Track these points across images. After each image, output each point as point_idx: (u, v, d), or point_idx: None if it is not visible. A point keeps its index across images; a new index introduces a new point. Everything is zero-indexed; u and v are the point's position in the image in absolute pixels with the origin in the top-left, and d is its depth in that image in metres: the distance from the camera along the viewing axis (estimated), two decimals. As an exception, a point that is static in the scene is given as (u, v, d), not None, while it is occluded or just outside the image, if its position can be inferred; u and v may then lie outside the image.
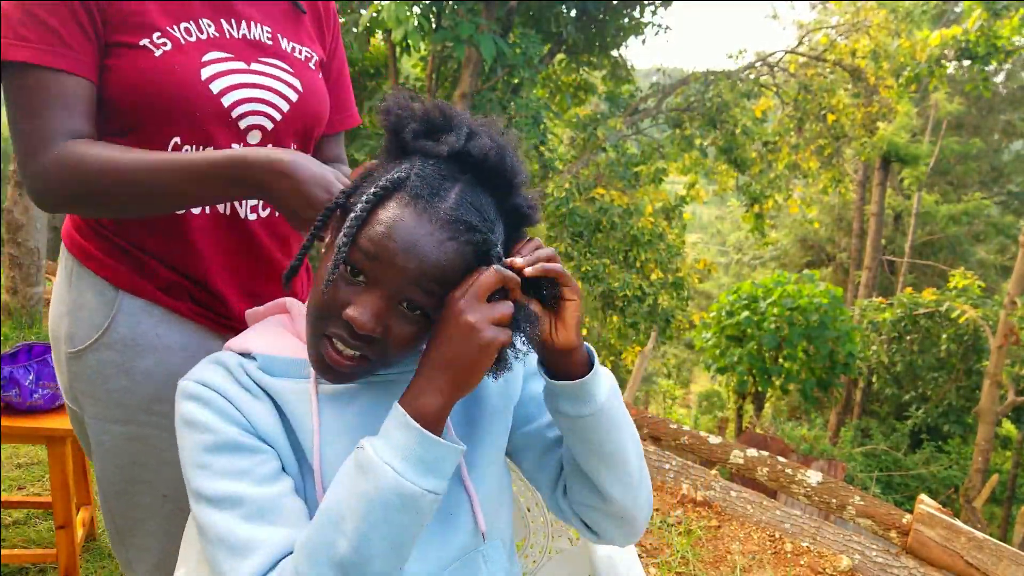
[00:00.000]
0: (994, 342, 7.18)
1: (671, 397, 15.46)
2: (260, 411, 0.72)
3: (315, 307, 0.69)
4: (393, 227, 0.64)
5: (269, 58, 0.97)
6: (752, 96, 9.18)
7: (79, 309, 0.95)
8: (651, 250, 7.69)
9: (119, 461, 0.98)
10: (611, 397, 0.73)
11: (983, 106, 16.63)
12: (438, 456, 0.63)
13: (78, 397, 0.97)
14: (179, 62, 0.88)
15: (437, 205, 0.65)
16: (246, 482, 0.67)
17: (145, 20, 0.87)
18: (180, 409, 0.72)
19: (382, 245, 0.64)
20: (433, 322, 0.68)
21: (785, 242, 16.83)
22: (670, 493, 2.97)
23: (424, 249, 0.64)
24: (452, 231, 0.65)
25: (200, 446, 0.69)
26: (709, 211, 22.97)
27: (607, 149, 7.88)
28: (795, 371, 7.82)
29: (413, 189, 0.65)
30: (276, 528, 0.66)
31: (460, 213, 0.65)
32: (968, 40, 7.57)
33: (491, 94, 7.40)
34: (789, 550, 2.58)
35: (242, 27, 0.95)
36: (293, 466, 0.72)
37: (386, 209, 0.65)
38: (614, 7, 8.21)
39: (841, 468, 5.43)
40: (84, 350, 0.94)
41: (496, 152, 0.68)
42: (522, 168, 0.71)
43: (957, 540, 2.36)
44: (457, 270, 0.66)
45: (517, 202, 0.72)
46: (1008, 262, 14.56)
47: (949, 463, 9.14)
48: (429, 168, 0.67)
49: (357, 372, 0.70)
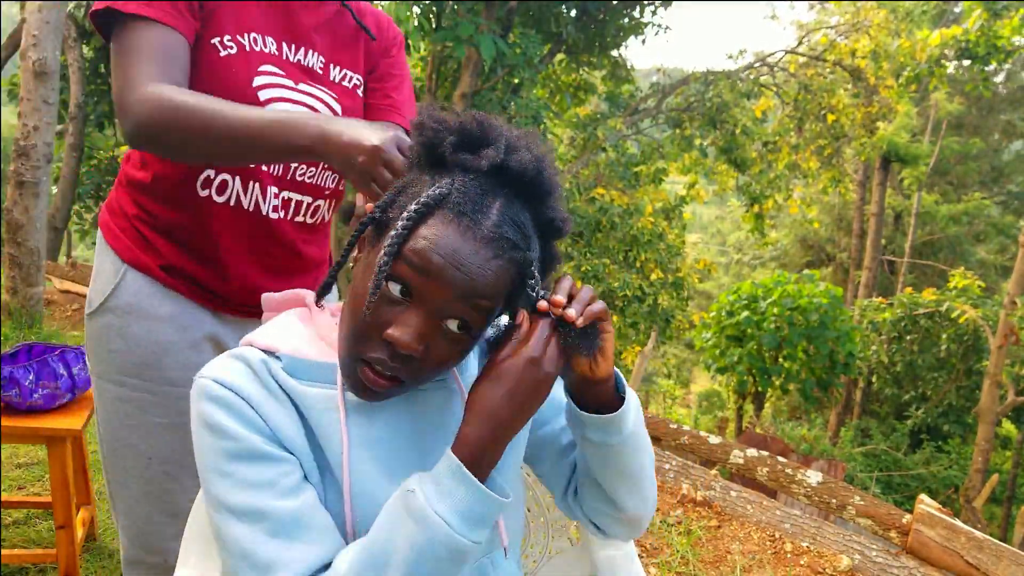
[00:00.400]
0: (994, 342, 7.18)
1: (671, 397, 15.47)
2: (283, 416, 0.69)
3: (353, 328, 0.67)
4: (438, 243, 0.63)
5: (316, 84, 1.06)
6: (752, 96, 9.18)
7: (98, 276, 1.07)
8: (651, 250, 7.69)
9: (112, 421, 1.06)
10: (637, 424, 0.74)
11: (983, 106, 16.63)
12: (490, 509, 0.63)
13: (89, 356, 1.09)
14: (237, 66, 0.97)
15: (481, 222, 0.64)
16: (270, 494, 0.64)
17: (222, 21, 0.97)
18: (199, 409, 0.68)
19: (428, 262, 0.63)
20: (475, 339, 0.67)
21: (785, 242, 16.84)
22: (670, 493, 2.97)
23: (470, 267, 0.63)
24: (496, 249, 0.64)
25: (221, 452, 0.66)
26: (709, 211, 22.97)
27: (607, 149, 7.89)
28: (795, 371, 7.82)
29: (456, 206, 0.64)
30: (302, 545, 0.64)
31: (503, 231, 0.64)
32: (968, 40, 7.57)
33: (491, 94, 7.40)
34: (789, 550, 2.58)
35: (299, 53, 1.05)
36: (314, 474, 0.70)
37: (429, 226, 0.64)
38: (614, 7, 8.21)
39: (841, 468, 5.44)
40: (94, 312, 1.06)
41: (535, 166, 0.67)
42: (558, 181, 0.71)
43: (957, 540, 2.36)
44: (500, 287, 0.65)
45: (551, 216, 0.71)
46: (1008, 262, 14.56)
47: (949, 463, 9.14)
48: (471, 183, 0.66)
49: (393, 392, 0.68)
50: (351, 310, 0.67)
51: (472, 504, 0.62)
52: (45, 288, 4.75)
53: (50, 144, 4.37)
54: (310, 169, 1.07)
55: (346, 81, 1.11)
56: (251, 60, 0.98)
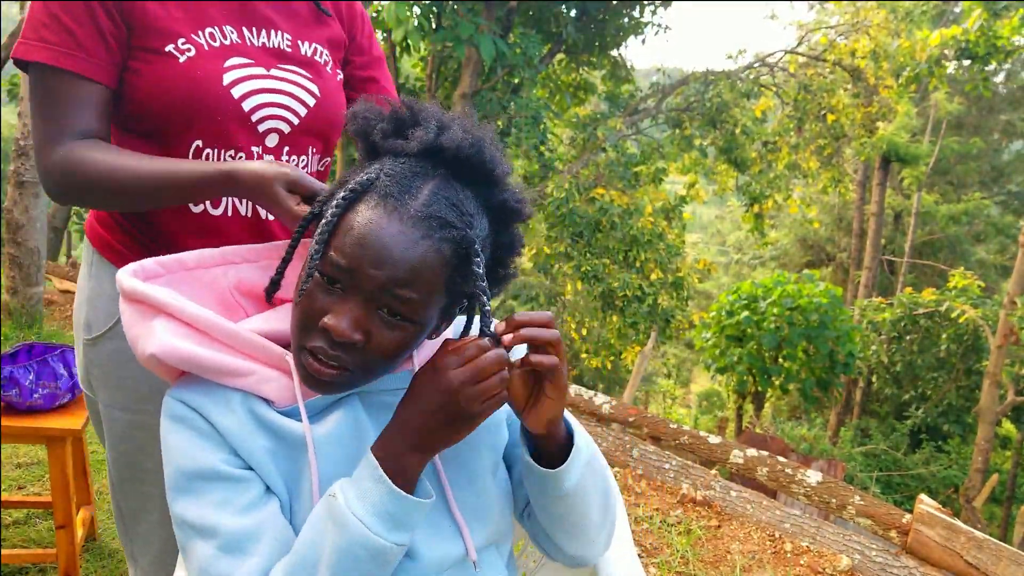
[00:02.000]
0: (994, 342, 7.18)
1: (671, 397, 15.47)
2: (244, 431, 0.69)
3: (295, 319, 0.67)
4: (363, 231, 0.62)
5: (288, 64, 1.00)
6: (752, 96, 9.18)
7: (97, 298, 0.99)
8: (651, 250, 7.69)
9: (127, 448, 1.01)
10: (583, 478, 0.72)
11: (983, 106, 16.63)
12: (407, 510, 0.62)
13: (92, 383, 1.01)
14: (202, 68, 0.91)
15: (408, 203, 0.63)
16: (226, 513, 0.65)
17: (170, 26, 0.90)
18: (163, 426, 0.70)
19: (352, 251, 0.62)
20: (420, 325, 0.66)
21: (785, 242, 16.83)
22: (670, 493, 2.97)
23: (396, 251, 0.62)
24: (425, 229, 0.62)
25: (179, 470, 0.67)
26: (709, 211, 22.96)
27: (607, 149, 7.88)
28: (795, 371, 7.82)
29: (382, 189, 0.64)
30: (255, 559, 0.64)
31: (433, 210, 0.63)
32: (968, 40, 7.57)
33: (491, 94, 7.39)
34: (789, 550, 2.58)
35: (262, 35, 0.99)
36: (279, 483, 0.69)
37: (356, 213, 0.64)
38: (614, 7, 8.21)
39: (841, 468, 5.43)
40: (100, 337, 0.99)
41: (471, 143, 0.66)
42: (502, 160, 0.69)
43: (957, 540, 2.36)
44: (435, 269, 0.63)
45: (502, 197, 0.69)
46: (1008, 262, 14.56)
47: (949, 463, 9.14)
48: (399, 166, 0.65)
49: (339, 382, 0.67)
50: (294, 303, 0.68)
51: (388, 505, 0.62)
52: (45, 288, 4.75)
53: (50, 144, 4.37)
54: (301, 158, 1.04)
55: (318, 56, 1.04)
56: (214, 58, 0.93)
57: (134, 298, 0.70)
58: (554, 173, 7.81)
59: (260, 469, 0.69)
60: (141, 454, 1.01)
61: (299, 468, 0.70)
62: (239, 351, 0.70)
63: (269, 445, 0.69)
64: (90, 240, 1.02)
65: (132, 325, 0.70)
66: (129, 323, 0.70)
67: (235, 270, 0.78)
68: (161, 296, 0.69)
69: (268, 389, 0.71)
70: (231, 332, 0.70)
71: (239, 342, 0.70)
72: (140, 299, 0.69)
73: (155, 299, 0.69)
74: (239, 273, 0.78)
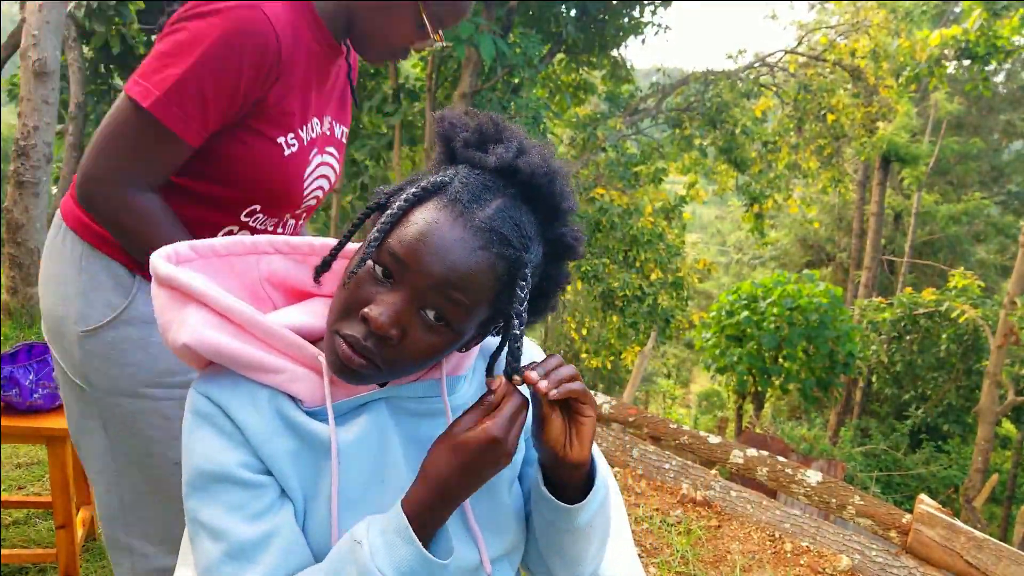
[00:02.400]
0: (994, 342, 7.19)
1: (671, 397, 15.47)
2: (269, 431, 0.68)
3: (337, 302, 0.67)
4: (426, 228, 0.62)
5: (330, 147, 1.11)
6: (752, 96, 9.18)
7: (92, 290, 1.00)
8: (651, 250, 7.69)
9: (132, 432, 1.03)
10: (597, 515, 0.73)
11: (983, 106, 16.63)
12: (431, 572, 0.63)
13: (89, 375, 1.02)
14: (296, 162, 1.02)
15: (475, 212, 0.63)
16: (237, 518, 0.65)
17: (287, 120, 0.99)
18: (185, 421, 0.69)
19: (411, 245, 0.62)
20: (456, 335, 0.66)
21: (785, 242, 16.84)
22: (670, 493, 2.97)
23: (454, 254, 0.62)
24: (485, 240, 0.63)
25: (197, 470, 0.67)
26: (709, 211, 22.97)
27: (607, 149, 7.89)
28: (795, 371, 7.82)
29: (453, 193, 0.64)
30: (259, 568, 0.64)
31: (496, 224, 0.63)
32: (968, 40, 7.57)
33: (491, 94, 7.40)
34: (789, 550, 2.58)
35: (324, 124, 1.08)
36: (298, 489, 0.69)
37: (422, 210, 0.64)
38: (614, 7, 8.21)
39: (841, 468, 5.43)
40: (100, 328, 1.00)
41: (545, 172, 0.66)
42: (571, 196, 0.69)
43: (957, 540, 2.36)
44: (487, 281, 0.63)
45: (561, 231, 0.69)
46: (1008, 262, 14.56)
47: (949, 463, 9.14)
48: (474, 177, 0.66)
49: (365, 374, 0.66)
50: (340, 286, 0.67)
51: (413, 565, 0.61)
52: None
53: (50, 144, 4.37)
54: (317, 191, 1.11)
55: (343, 137, 1.15)
56: (306, 152, 1.02)
57: (168, 284, 0.68)
58: (554, 173, 7.80)
59: (279, 471, 0.68)
60: (145, 439, 1.03)
61: (319, 470, 0.69)
62: (273, 347, 0.69)
63: (292, 446, 0.69)
64: (77, 232, 1.02)
65: (164, 311, 0.69)
66: (161, 309, 0.69)
67: (267, 261, 0.77)
68: (197, 284, 0.67)
69: (298, 388, 0.70)
70: (267, 329, 0.68)
71: (274, 339, 0.69)
72: (175, 286, 0.67)
73: (191, 287, 0.67)
74: (270, 264, 0.77)
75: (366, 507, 0.69)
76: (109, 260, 1.01)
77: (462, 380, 0.78)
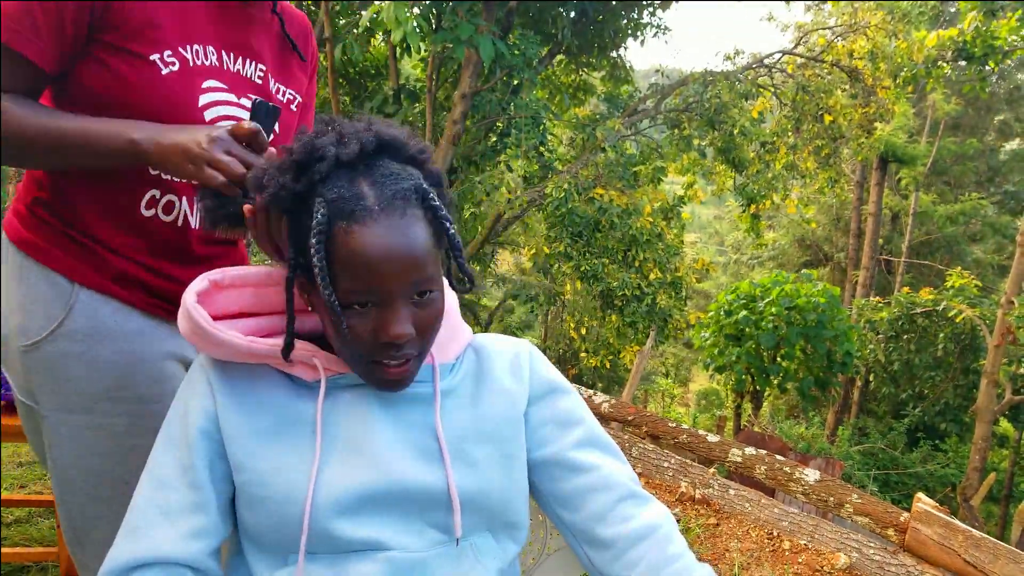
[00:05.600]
0: (991, 341, 7.21)
1: (670, 396, 15.48)
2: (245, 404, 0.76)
3: (352, 352, 0.71)
4: (361, 253, 0.66)
5: (256, 95, 1.01)
6: (750, 97, 9.19)
7: (32, 302, 0.94)
8: (650, 250, 7.70)
9: (77, 452, 0.97)
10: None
11: (980, 106, 16.66)
12: None
13: (34, 391, 0.97)
14: (182, 85, 0.91)
15: (366, 204, 0.66)
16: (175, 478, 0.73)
17: (159, 35, 0.90)
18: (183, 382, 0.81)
19: (366, 275, 0.66)
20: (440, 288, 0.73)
21: (783, 242, 16.86)
22: (669, 491, 2.98)
23: (396, 249, 0.66)
24: (394, 209, 0.67)
25: (166, 419, 0.78)
26: (707, 211, 22.99)
27: (606, 149, 7.89)
28: (793, 370, 7.83)
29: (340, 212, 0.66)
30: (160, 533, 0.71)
31: (385, 191, 0.67)
32: (965, 41, 7.59)
33: (491, 95, 7.40)
34: (787, 548, 2.59)
35: (238, 62, 0.99)
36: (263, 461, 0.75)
37: (339, 246, 0.66)
38: (613, 8, 8.22)
39: (839, 466, 5.45)
40: (40, 342, 0.94)
41: (368, 138, 0.70)
42: (394, 127, 0.73)
43: (954, 538, 2.38)
44: (426, 235, 0.69)
45: (411, 154, 0.74)
46: (1005, 261, 14.60)
47: (946, 461, 9.16)
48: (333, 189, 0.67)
49: (413, 371, 0.74)
50: (338, 339, 0.71)
51: None
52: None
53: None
54: None
55: (281, 95, 1.06)
56: (194, 76, 0.92)
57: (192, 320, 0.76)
58: (553, 173, 7.82)
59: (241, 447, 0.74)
60: (94, 456, 0.97)
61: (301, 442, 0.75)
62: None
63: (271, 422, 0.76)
64: (14, 243, 0.97)
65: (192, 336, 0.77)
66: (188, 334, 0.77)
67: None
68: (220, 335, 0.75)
69: (296, 370, 0.79)
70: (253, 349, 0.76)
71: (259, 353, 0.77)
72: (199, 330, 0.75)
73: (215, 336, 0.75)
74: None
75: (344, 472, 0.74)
76: (47, 270, 0.95)
77: (451, 368, 0.83)
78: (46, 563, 1.94)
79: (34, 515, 2.23)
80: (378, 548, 0.72)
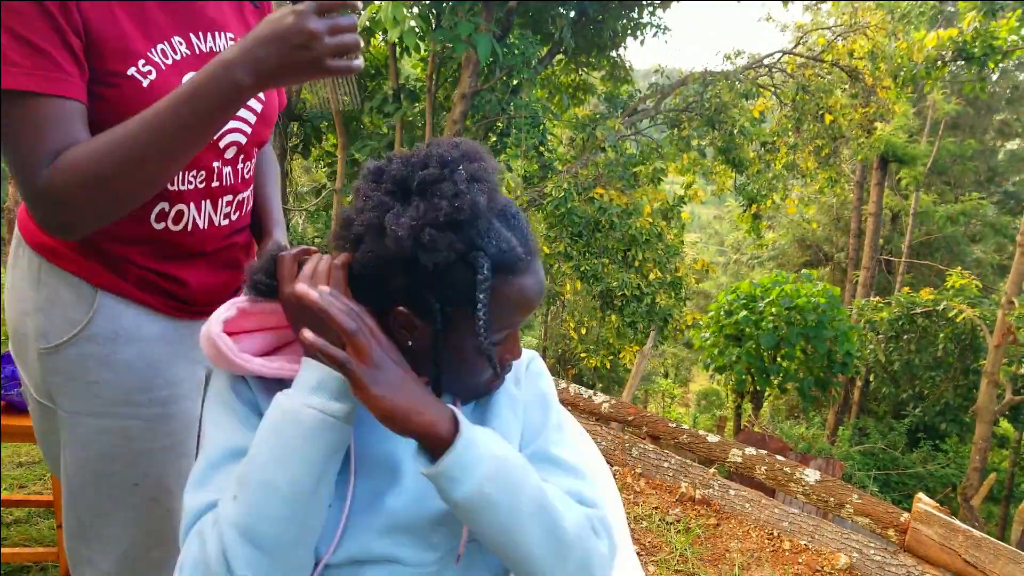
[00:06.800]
0: (991, 341, 7.20)
1: (670, 396, 15.48)
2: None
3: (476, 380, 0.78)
4: (519, 300, 0.73)
5: None
6: (750, 97, 9.18)
7: (52, 306, 0.94)
8: (649, 250, 7.70)
9: (88, 454, 0.98)
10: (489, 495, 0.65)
11: (980, 106, 16.66)
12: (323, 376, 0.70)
13: (52, 392, 0.97)
14: (164, 89, 0.85)
15: (520, 255, 0.72)
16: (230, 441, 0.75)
17: (127, 45, 0.85)
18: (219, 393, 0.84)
19: (522, 312, 0.74)
20: None
21: (783, 242, 16.85)
22: (669, 491, 2.98)
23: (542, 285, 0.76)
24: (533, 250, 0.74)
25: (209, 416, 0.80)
26: (707, 211, 22.99)
27: (606, 149, 7.89)
28: (793, 370, 7.83)
29: (502, 265, 0.71)
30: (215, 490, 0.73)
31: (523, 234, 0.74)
32: (964, 41, 7.59)
33: (490, 95, 7.40)
34: (787, 548, 2.59)
35: (208, 39, 0.94)
36: None
37: (501, 295, 0.71)
38: (612, 8, 8.21)
39: (839, 467, 5.44)
40: (61, 345, 0.94)
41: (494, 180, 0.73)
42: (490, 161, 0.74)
43: (955, 538, 2.37)
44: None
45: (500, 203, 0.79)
46: (1005, 261, 14.60)
47: (946, 462, 9.16)
48: (489, 244, 0.70)
49: None
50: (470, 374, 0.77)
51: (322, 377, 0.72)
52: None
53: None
54: (246, 164, 1.04)
55: None
56: (172, 75, 0.88)
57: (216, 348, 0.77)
58: (553, 173, 7.81)
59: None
60: (104, 458, 0.98)
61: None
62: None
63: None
64: (33, 248, 0.95)
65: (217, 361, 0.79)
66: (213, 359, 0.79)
67: None
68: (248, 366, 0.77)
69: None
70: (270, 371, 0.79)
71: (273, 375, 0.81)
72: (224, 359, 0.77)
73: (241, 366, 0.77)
74: None
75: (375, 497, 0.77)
76: (68, 274, 0.94)
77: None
78: (46, 563, 1.94)
79: (34, 515, 2.23)
80: (394, 562, 0.75)
